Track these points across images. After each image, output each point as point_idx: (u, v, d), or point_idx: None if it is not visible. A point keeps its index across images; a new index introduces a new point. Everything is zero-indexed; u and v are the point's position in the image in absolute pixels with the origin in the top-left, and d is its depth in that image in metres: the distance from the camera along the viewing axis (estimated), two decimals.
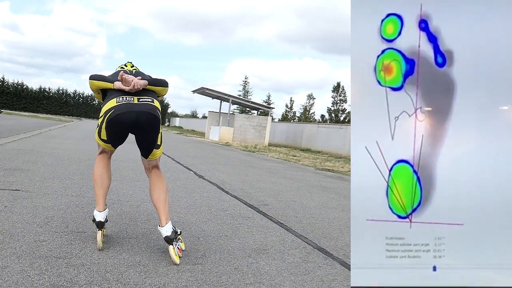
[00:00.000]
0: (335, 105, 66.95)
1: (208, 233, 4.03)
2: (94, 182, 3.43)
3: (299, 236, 4.32)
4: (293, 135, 37.53)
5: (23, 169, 6.64)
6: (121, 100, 3.14)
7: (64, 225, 3.73)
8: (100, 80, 3.38)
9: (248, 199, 6.30)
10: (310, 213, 5.73)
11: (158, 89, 3.46)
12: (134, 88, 3.19)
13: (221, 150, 19.44)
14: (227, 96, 33.47)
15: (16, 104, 62.65)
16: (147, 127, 3.23)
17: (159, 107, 3.30)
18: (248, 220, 4.83)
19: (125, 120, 3.13)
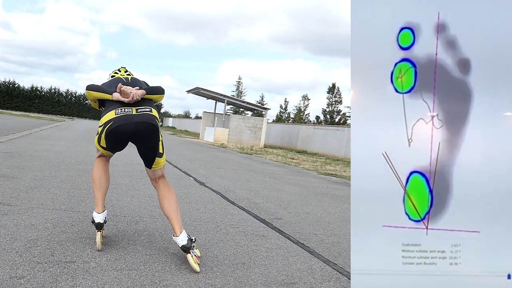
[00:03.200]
0: (330, 106, 66.15)
1: (221, 260, 3.39)
2: (93, 184, 3.43)
3: (327, 262, 3.69)
4: (288, 136, 36.90)
5: (7, 176, 5.97)
6: (120, 112, 3.18)
7: (49, 251, 3.08)
8: (98, 91, 3.37)
9: (257, 211, 5.66)
10: (329, 229, 5.10)
11: (155, 97, 3.50)
12: (133, 99, 3.21)
13: (218, 153, 18.78)
14: (222, 97, 32.84)
15: (8, 103, 61.77)
16: (147, 136, 3.26)
17: (157, 115, 3.35)
18: (264, 240, 4.20)
19: (124, 131, 3.17)
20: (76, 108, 66.92)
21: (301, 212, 6.04)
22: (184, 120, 78.51)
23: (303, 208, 6.41)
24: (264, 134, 32.49)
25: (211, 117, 37.49)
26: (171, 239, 3.71)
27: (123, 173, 7.68)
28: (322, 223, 5.43)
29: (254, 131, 32.18)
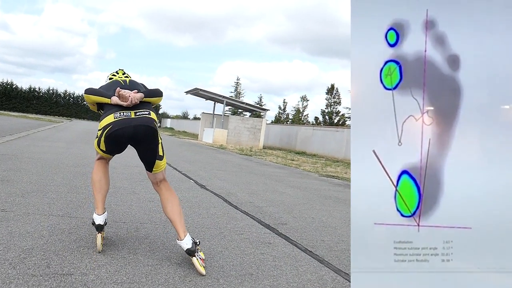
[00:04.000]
0: (329, 107, 65.91)
1: (227, 271, 3.21)
2: (93, 186, 3.41)
3: (338, 272, 3.51)
4: (287, 137, 36.71)
5: (2, 179, 5.78)
6: (118, 116, 3.18)
7: (45, 263, 2.89)
8: (96, 95, 3.35)
9: (261, 216, 5.49)
10: (336, 235, 4.92)
11: (153, 100, 3.47)
12: (132, 103, 3.20)
13: (217, 154, 18.60)
14: (221, 97, 32.68)
15: (5, 104, 61.56)
16: (146, 139, 3.26)
17: (156, 118, 3.35)
18: (270, 247, 4.02)
19: (123, 134, 3.17)
20: (74, 109, 66.65)
21: (306, 217, 5.86)
22: (183, 121, 78.34)
23: (307, 213, 6.23)
24: (263, 135, 32.34)
25: (210, 118, 37.31)
26: (173, 247, 3.54)
27: (122, 176, 7.49)
28: (328, 228, 5.25)
29: (253, 132, 32.02)
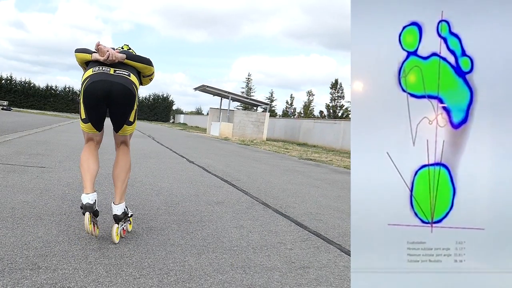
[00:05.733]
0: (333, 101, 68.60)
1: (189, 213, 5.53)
2: (80, 167, 3.41)
3: (268, 206, 5.83)
4: (291, 130, 38.87)
5: (43, 154, 8.17)
6: (97, 70, 3.17)
7: None
8: (81, 52, 3.36)
9: (225, 176, 7.80)
10: (275, 188, 7.23)
11: (139, 65, 3.43)
12: (109, 59, 3.17)
13: (218, 144, 20.72)
14: (226, 93, 34.85)
15: (24, 102, 63.93)
16: (120, 100, 3.22)
17: (137, 83, 3.31)
18: (220, 190, 6.35)
19: (99, 88, 3.13)
20: None
21: (258, 178, 8.18)
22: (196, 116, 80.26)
23: (263, 177, 8.51)
24: (267, 128, 34.17)
25: (217, 112, 39.49)
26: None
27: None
28: (270, 183, 7.56)
29: (257, 125, 33.96)
